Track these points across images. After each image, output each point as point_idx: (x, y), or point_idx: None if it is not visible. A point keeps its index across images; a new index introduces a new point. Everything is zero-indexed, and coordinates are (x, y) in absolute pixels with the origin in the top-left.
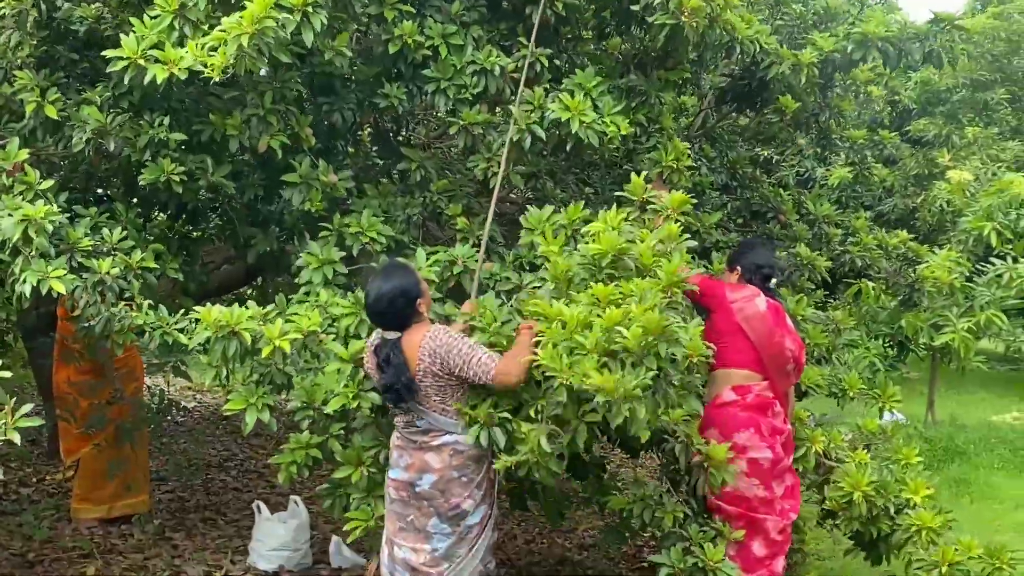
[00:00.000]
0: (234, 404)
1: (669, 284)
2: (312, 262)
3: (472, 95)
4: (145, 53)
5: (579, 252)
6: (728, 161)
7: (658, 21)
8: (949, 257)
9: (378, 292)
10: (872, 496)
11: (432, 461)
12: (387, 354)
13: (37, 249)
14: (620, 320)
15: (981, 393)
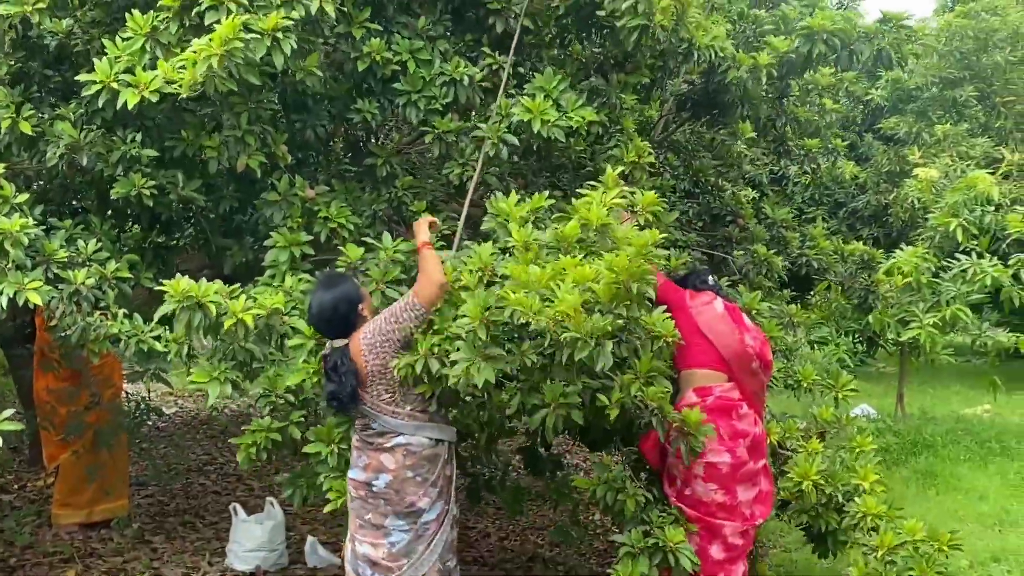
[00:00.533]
0: (198, 377)
1: (637, 255)
2: (280, 241)
3: (442, 105)
4: (117, 76)
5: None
6: (691, 169)
7: (630, 24)
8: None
9: (320, 302)
10: (821, 484)
11: (387, 462)
12: (335, 362)
13: (13, 261)
14: (592, 276)
15: (955, 386)
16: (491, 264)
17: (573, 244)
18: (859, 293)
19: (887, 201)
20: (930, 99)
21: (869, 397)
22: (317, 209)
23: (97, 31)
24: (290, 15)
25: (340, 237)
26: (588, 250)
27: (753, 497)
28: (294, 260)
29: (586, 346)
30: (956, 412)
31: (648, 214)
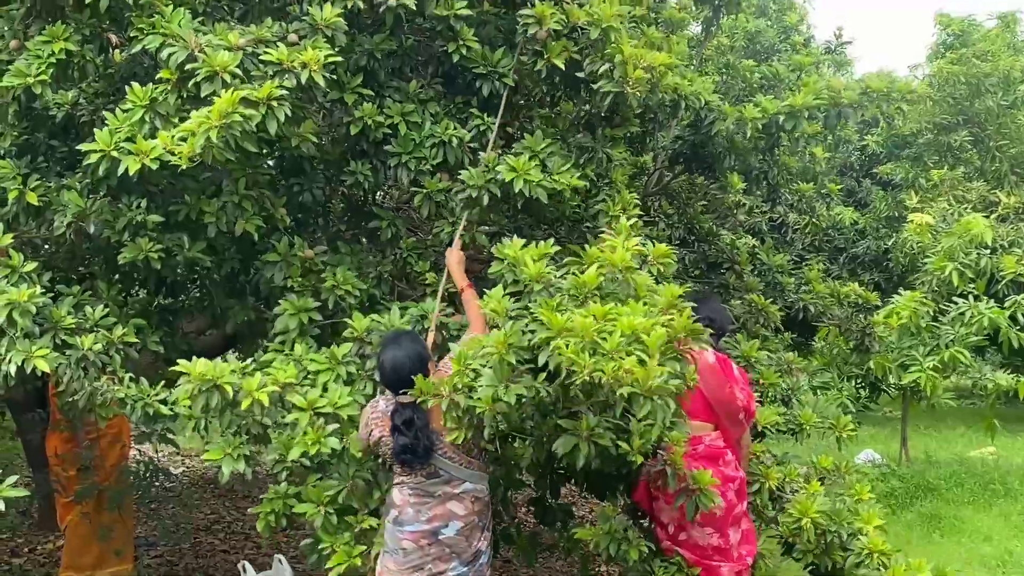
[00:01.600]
0: (212, 455)
1: (668, 305)
2: (289, 308)
3: (433, 166)
4: (118, 145)
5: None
6: (685, 217)
7: (603, 89)
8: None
9: (397, 362)
10: (822, 523)
11: (457, 509)
12: (409, 417)
13: (22, 329)
14: (637, 327)
15: (959, 428)
16: (505, 307)
17: (593, 291)
18: (856, 336)
19: (887, 246)
20: (925, 144)
21: (874, 442)
22: (318, 269)
23: (102, 101)
24: (283, 84)
25: (347, 303)
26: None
27: (740, 538)
28: (303, 326)
29: (648, 403)
30: (960, 455)
31: (659, 264)
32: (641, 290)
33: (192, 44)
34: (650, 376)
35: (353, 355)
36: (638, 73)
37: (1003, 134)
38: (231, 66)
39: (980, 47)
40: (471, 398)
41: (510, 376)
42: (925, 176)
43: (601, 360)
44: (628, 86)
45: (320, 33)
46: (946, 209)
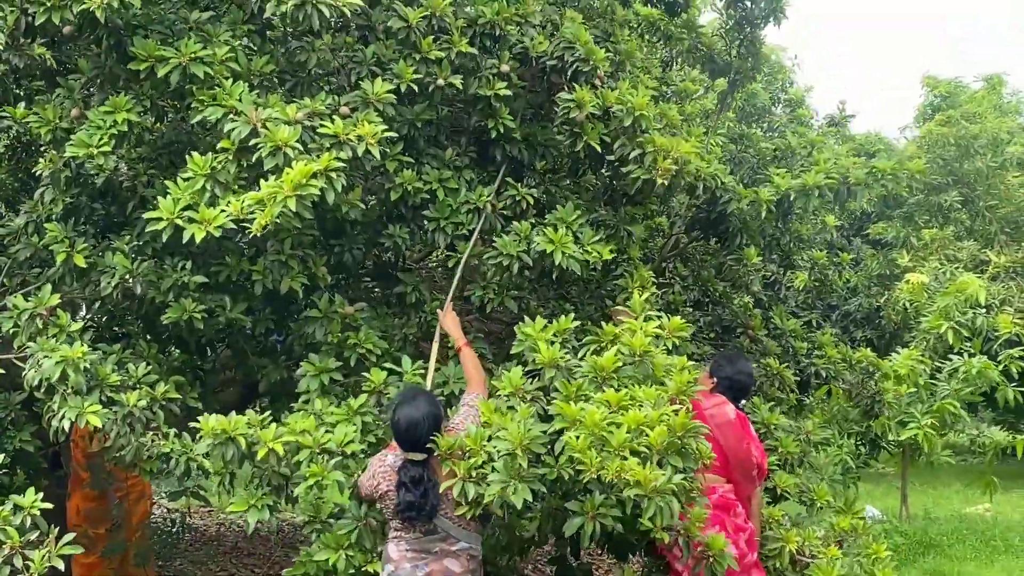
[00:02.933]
0: (237, 506)
1: (678, 392)
2: (311, 370)
3: (468, 231)
4: (180, 213)
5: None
6: (700, 279)
7: (633, 174)
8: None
9: (412, 420)
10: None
11: (452, 566)
12: (419, 475)
13: (73, 387)
14: (642, 421)
15: (955, 485)
16: (521, 385)
17: (611, 374)
18: (866, 401)
19: (879, 304)
20: (916, 204)
21: (872, 499)
22: (356, 326)
23: (143, 167)
24: (339, 156)
25: (369, 361)
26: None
27: None
28: (324, 386)
29: (652, 504)
30: (959, 511)
31: (674, 338)
32: (658, 371)
33: (253, 118)
34: (652, 479)
35: (372, 406)
36: (667, 164)
37: (992, 194)
38: (292, 140)
39: (967, 108)
40: (481, 487)
41: (521, 474)
42: (916, 235)
43: (607, 458)
44: (657, 174)
45: (372, 107)
46: (938, 268)
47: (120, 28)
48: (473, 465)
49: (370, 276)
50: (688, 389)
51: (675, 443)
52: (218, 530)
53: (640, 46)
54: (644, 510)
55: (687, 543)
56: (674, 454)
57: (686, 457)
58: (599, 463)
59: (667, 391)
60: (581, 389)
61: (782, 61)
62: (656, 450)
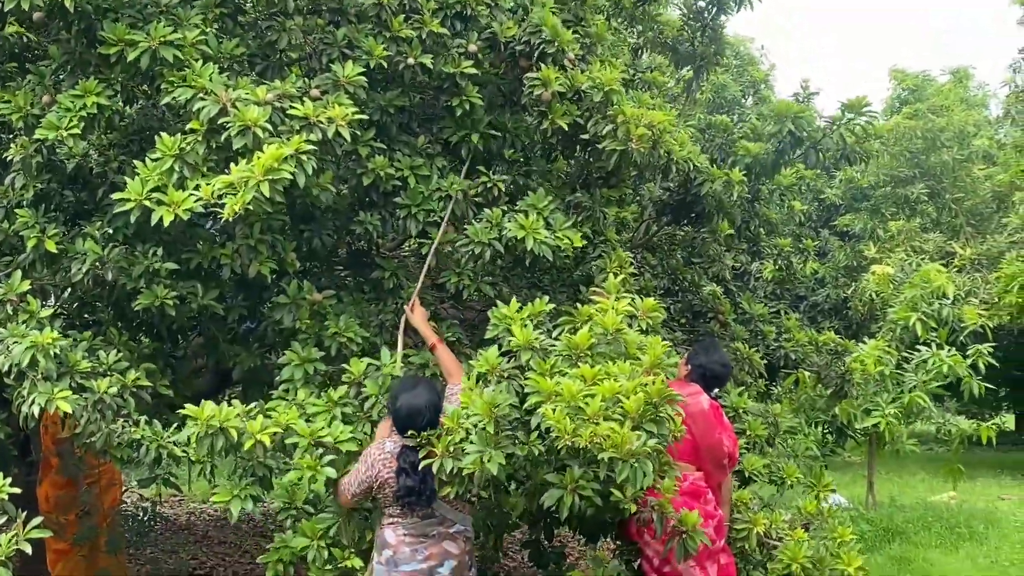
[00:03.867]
0: (220, 497)
1: (652, 366)
2: (294, 359)
3: (440, 218)
4: (148, 195)
5: (561, 340)
6: (669, 268)
7: (608, 147)
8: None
9: (414, 408)
10: (809, 569)
11: (451, 548)
12: (417, 461)
13: (43, 373)
14: (618, 390)
15: (920, 474)
16: (498, 365)
17: (585, 351)
18: (835, 382)
19: (846, 295)
20: (883, 196)
21: (839, 487)
22: (324, 313)
23: (114, 152)
24: (309, 138)
25: (349, 350)
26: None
27: (717, 572)
28: (307, 376)
29: (627, 467)
30: (924, 499)
31: (648, 319)
32: (631, 348)
33: (223, 98)
34: (627, 441)
35: (351, 398)
36: (641, 131)
37: (958, 187)
38: (262, 120)
39: (934, 102)
40: (459, 460)
41: (495, 442)
42: (883, 227)
43: (581, 425)
44: (632, 144)
45: (343, 89)
46: (904, 260)
47: (90, 13)
48: (451, 442)
49: (342, 264)
50: (662, 363)
51: (651, 410)
52: (189, 519)
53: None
54: (618, 473)
55: (660, 519)
56: (649, 420)
57: (661, 424)
58: (573, 430)
59: (641, 365)
60: (556, 366)
61: (751, 52)
62: (631, 416)
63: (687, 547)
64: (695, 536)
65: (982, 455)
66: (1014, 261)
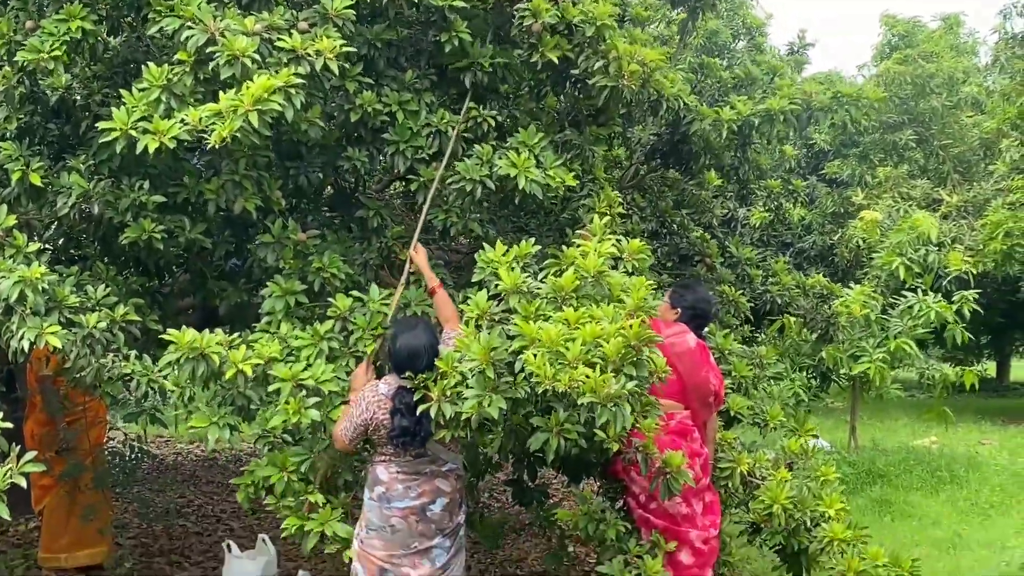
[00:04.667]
0: (197, 422)
1: (635, 308)
2: (276, 291)
3: (428, 155)
4: (135, 124)
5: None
6: (658, 210)
7: (598, 84)
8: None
9: (414, 350)
10: (791, 509)
11: (443, 486)
12: (413, 401)
13: (31, 307)
14: (598, 334)
15: (903, 419)
16: (488, 309)
17: (570, 294)
18: (821, 325)
19: (832, 241)
20: (871, 143)
21: (822, 432)
22: (308, 253)
23: (97, 85)
24: (298, 71)
25: (332, 286)
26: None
27: (703, 509)
28: (289, 308)
29: (606, 410)
30: (906, 444)
31: (634, 260)
32: (615, 290)
33: (211, 28)
34: (604, 385)
35: (336, 333)
36: (632, 67)
37: (947, 134)
38: (250, 51)
39: (925, 48)
40: (457, 404)
41: (494, 385)
42: (871, 174)
43: (561, 369)
44: (623, 80)
45: (331, 22)
46: (891, 206)
47: None
48: (447, 386)
49: (329, 204)
50: (645, 305)
51: (630, 353)
52: (176, 459)
53: None
54: (598, 416)
55: (645, 460)
56: (629, 364)
57: (640, 367)
58: (553, 374)
59: (624, 308)
60: (540, 309)
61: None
62: (611, 360)
63: (671, 486)
64: (679, 476)
65: (964, 401)
66: (999, 208)
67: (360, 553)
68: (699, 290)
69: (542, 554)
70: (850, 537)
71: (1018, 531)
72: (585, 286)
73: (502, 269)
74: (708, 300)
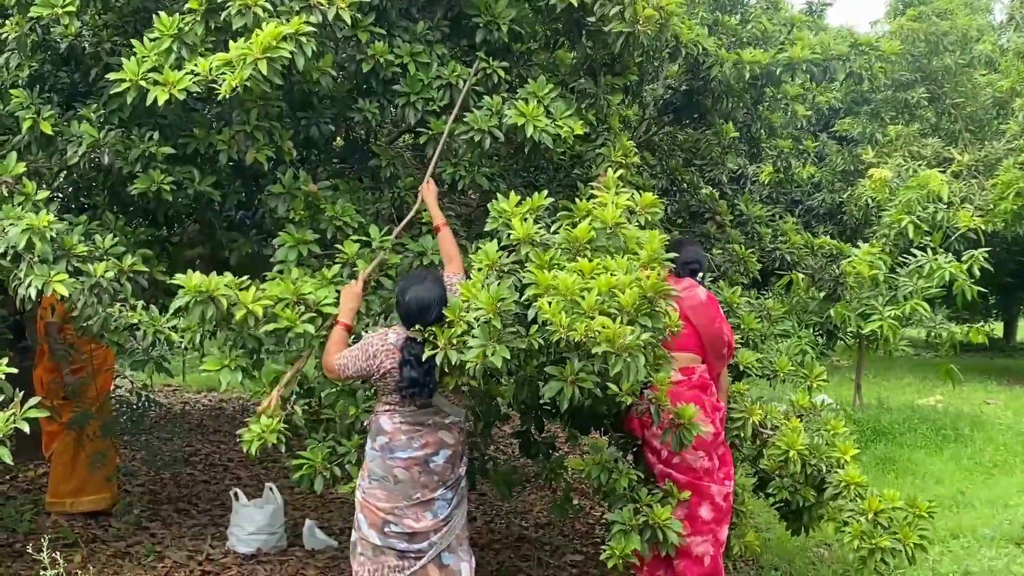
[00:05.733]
0: (210, 365)
1: (649, 260)
2: (288, 240)
3: (439, 107)
4: (145, 75)
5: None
6: (668, 168)
7: (615, 30)
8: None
9: (423, 302)
10: (806, 455)
11: (447, 438)
12: (422, 353)
13: (39, 255)
14: (614, 284)
15: (908, 378)
16: (497, 260)
17: (584, 245)
18: (829, 284)
19: (842, 199)
20: (883, 101)
21: (826, 389)
22: (319, 204)
23: (107, 33)
24: (309, 20)
25: (345, 235)
26: (600, 251)
27: (719, 463)
28: (301, 257)
29: (620, 361)
30: (911, 402)
31: (647, 214)
32: (630, 242)
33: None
34: (620, 335)
35: (345, 278)
36: (648, 11)
37: (959, 92)
38: (261, 0)
39: (939, 5)
40: (462, 353)
41: (499, 335)
42: (882, 132)
43: (577, 319)
44: (640, 25)
45: None
46: (901, 165)
47: None
48: (453, 334)
49: (339, 155)
50: (659, 257)
51: (646, 304)
52: (184, 408)
53: None
54: (611, 367)
55: (658, 412)
56: (644, 315)
57: (655, 318)
58: (568, 323)
59: (639, 260)
60: (554, 259)
61: None
62: (626, 311)
63: (683, 440)
64: (691, 429)
65: (969, 361)
66: (1011, 168)
67: (363, 503)
68: (688, 246)
69: (547, 505)
70: (866, 481)
71: (1020, 490)
72: (599, 238)
73: (515, 219)
74: (698, 252)
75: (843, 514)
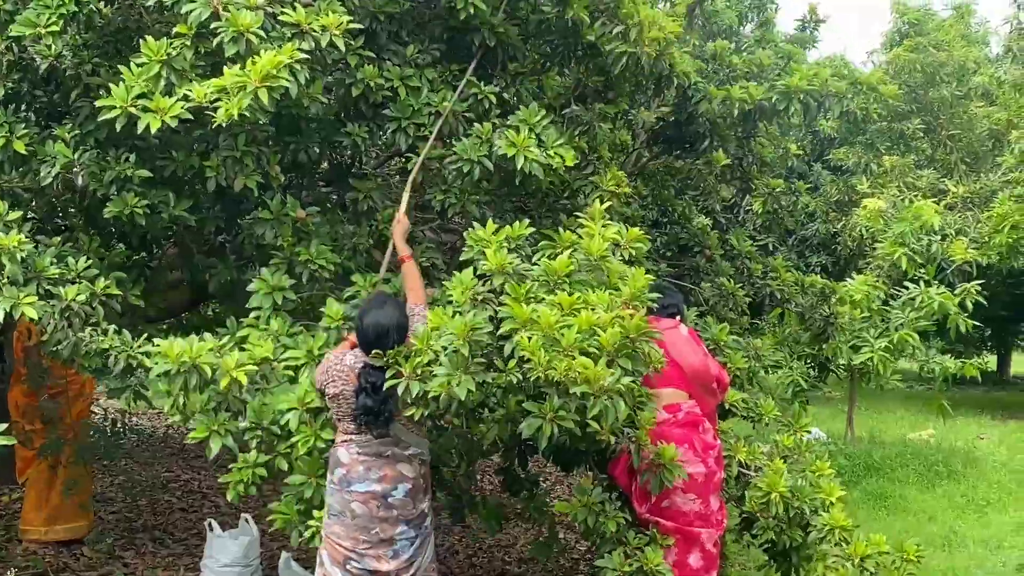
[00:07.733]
0: (198, 433)
1: (632, 298)
2: (262, 288)
3: (431, 132)
4: (134, 101)
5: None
6: (659, 199)
7: (617, 50)
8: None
9: (381, 328)
10: (788, 498)
11: (406, 471)
12: (380, 381)
13: (8, 277)
14: (595, 322)
15: (900, 411)
16: (472, 287)
17: (563, 278)
18: (819, 324)
19: (836, 229)
20: (878, 131)
21: (818, 422)
22: (308, 230)
23: (88, 54)
24: (301, 46)
25: (322, 277)
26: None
27: (718, 506)
28: (276, 304)
29: (599, 402)
30: (903, 436)
31: (631, 248)
32: (613, 277)
33: (214, 1)
34: (600, 377)
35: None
36: (653, 33)
37: (955, 124)
38: (255, 27)
39: (935, 36)
40: (426, 383)
41: (466, 365)
42: (877, 162)
43: (555, 358)
44: (643, 47)
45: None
46: (896, 195)
47: None
48: (420, 363)
49: (326, 180)
50: (642, 296)
51: (626, 345)
52: (167, 431)
53: None
54: (590, 408)
55: (638, 451)
56: (624, 356)
57: (636, 360)
58: (547, 362)
59: (620, 296)
60: (532, 292)
61: None
62: (607, 351)
63: (663, 481)
64: (672, 471)
65: (963, 394)
66: (1006, 201)
67: (326, 538)
68: (669, 294)
69: (531, 540)
70: (852, 525)
71: (1015, 530)
72: (580, 271)
73: (490, 248)
74: (678, 304)
75: (828, 559)
